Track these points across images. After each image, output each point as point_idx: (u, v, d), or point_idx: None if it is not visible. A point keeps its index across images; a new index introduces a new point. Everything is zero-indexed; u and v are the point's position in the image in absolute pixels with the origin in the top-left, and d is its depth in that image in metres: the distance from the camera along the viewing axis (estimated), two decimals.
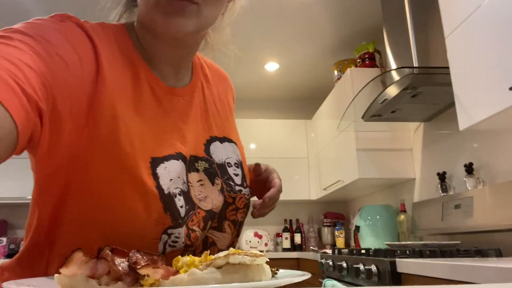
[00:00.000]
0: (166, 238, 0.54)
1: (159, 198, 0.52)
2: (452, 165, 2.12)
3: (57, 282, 0.41)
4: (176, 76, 0.63)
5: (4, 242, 3.24)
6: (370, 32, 2.88)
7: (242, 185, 0.65)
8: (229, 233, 0.63)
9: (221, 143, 0.65)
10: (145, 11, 0.55)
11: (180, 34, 0.55)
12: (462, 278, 1.06)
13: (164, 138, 0.57)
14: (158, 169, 0.54)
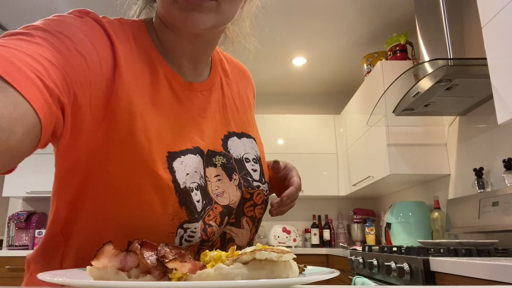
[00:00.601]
0: (182, 233, 0.54)
1: (175, 193, 0.53)
2: (490, 160, 2.03)
3: (88, 273, 0.42)
4: (195, 71, 0.62)
5: (43, 234, 3.40)
6: (401, 23, 2.79)
7: (261, 181, 0.64)
8: (247, 229, 0.62)
9: (239, 139, 0.64)
10: (163, 7, 0.55)
11: (198, 30, 0.54)
12: (500, 279, 1.02)
13: (182, 133, 0.57)
14: (174, 163, 0.54)
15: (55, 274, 0.42)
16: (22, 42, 0.42)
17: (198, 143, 0.58)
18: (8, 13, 2.65)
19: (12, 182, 3.47)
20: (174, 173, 0.53)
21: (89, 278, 0.42)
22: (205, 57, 0.63)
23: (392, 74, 2.47)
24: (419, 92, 1.98)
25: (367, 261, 1.95)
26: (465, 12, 1.87)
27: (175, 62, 0.60)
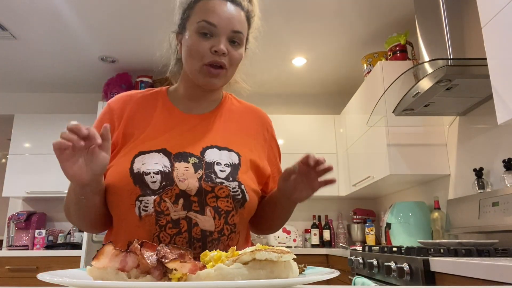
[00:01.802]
0: (139, 204, 0.76)
1: (129, 175, 0.77)
2: (490, 160, 2.03)
3: (88, 274, 0.42)
4: (199, 107, 0.92)
5: (43, 234, 3.40)
6: (401, 23, 2.79)
7: (227, 179, 0.81)
8: (210, 217, 0.77)
9: (219, 150, 0.85)
10: (192, 73, 0.86)
11: (212, 88, 0.88)
12: (499, 279, 1.02)
13: (158, 141, 0.83)
14: (136, 158, 0.80)
15: (55, 274, 0.42)
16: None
17: (167, 147, 0.82)
18: (8, 14, 2.65)
19: (12, 182, 3.47)
20: (133, 164, 0.79)
21: (89, 278, 0.42)
22: (211, 98, 0.93)
23: (392, 74, 2.47)
24: (419, 92, 1.98)
25: (367, 261, 1.95)
26: (465, 12, 1.87)
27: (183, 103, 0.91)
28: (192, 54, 0.84)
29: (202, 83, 0.85)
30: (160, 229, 0.75)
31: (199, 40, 0.82)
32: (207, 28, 0.82)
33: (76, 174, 0.66)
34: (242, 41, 0.86)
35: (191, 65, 0.85)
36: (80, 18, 2.72)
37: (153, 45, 3.11)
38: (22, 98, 4.01)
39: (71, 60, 3.35)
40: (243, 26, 0.86)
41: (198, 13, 0.84)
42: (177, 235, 0.75)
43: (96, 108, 3.63)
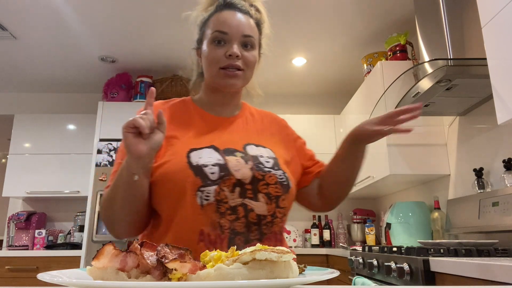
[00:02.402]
0: (200, 194, 0.81)
1: (189, 168, 0.82)
2: (490, 160, 2.03)
3: (88, 274, 0.42)
4: (225, 111, 1.00)
5: (43, 234, 3.40)
6: (401, 23, 2.79)
7: (273, 168, 0.88)
8: (263, 202, 0.84)
9: (256, 147, 0.93)
10: (211, 76, 0.93)
11: (232, 89, 0.94)
12: (499, 279, 1.02)
13: (203, 139, 0.91)
14: (191, 153, 0.86)
15: (55, 274, 0.42)
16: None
17: (215, 143, 0.89)
18: (8, 14, 2.65)
19: (12, 182, 3.47)
20: (190, 157, 0.85)
21: (89, 278, 0.42)
22: (232, 103, 1.01)
23: (392, 74, 2.47)
24: (419, 92, 1.98)
25: (367, 261, 1.95)
26: (465, 12, 1.87)
27: (211, 108, 0.99)
28: (209, 62, 0.92)
29: (222, 86, 0.93)
30: (221, 216, 0.81)
31: (214, 48, 0.91)
32: (220, 37, 0.91)
33: (136, 143, 0.72)
34: (254, 44, 0.94)
35: (210, 72, 0.93)
36: (80, 18, 2.72)
37: (153, 45, 3.11)
38: (22, 98, 4.01)
39: (71, 60, 3.35)
40: (253, 31, 0.95)
41: (212, 26, 0.93)
42: (235, 221, 0.81)
43: (96, 108, 3.63)
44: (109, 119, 3.30)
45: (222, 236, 0.80)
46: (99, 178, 3.13)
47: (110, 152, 3.20)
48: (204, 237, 0.80)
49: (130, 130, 0.72)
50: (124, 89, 3.47)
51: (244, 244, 0.81)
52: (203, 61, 0.96)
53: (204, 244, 0.80)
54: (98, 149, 3.20)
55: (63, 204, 3.78)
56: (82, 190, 3.42)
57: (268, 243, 0.84)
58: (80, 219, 3.47)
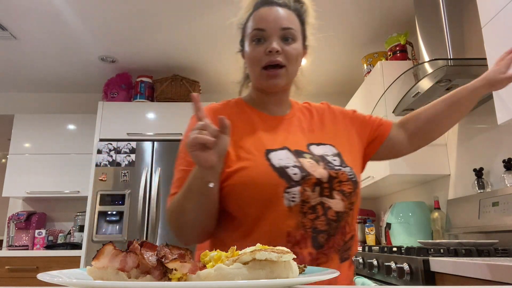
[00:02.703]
0: (287, 196, 0.81)
1: (273, 170, 0.82)
2: (490, 160, 2.03)
3: (88, 274, 0.42)
4: (278, 109, 0.98)
5: (43, 234, 3.40)
6: (401, 23, 2.79)
7: (342, 165, 0.88)
8: (339, 199, 0.84)
9: (317, 146, 0.92)
10: (255, 79, 0.94)
11: (277, 89, 0.93)
12: (499, 279, 1.02)
13: (273, 140, 0.90)
14: (269, 155, 0.85)
15: (55, 274, 0.42)
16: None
17: (285, 144, 0.89)
18: (8, 14, 2.65)
19: (12, 182, 3.47)
20: (270, 160, 0.84)
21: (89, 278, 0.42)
22: (283, 101, 0.99)
23: (392, 74, 2.47)
24: (419, 92, 1.98)
25: (367, 261, 1.95)
26: (465, 12, 1.87)
27: (264, 107, 0.98)
28: (251, 62, 0.92)
29: (266, 87, 0.92)
30: (304, 216, 0.81)
31: (254, 47, 0.90)
32: (258, 35, 0.90)
33: (206, 157, 0.71)
34: (294, 36, 0.91)
35: (253, 73, 0.93)
36: (80, 18, 2.72)
37: (153, 45, 3.11)
38: (22, 98, 4.01)
39: (71, 60, 3.35)
40: (293, 23, 0.91)
41: (250, 25, 0.93)
42: (315, 220, 0.81)
43: (96, 108, 3.63)
44: (109, 119, 3.30)
45: (306, 236, 0.81)
46: (99, 178, 3.13)
47: (110, 152, 3.20)
48: (290, 238, 0.80)
49: (195, 148, 0.70)
50: (124, 89, 3.47)
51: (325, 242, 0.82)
52: (246, 63, 0.96)
53: (290, 246, 0.80)
54: (98, 149, 3.20)
55: (63, 204, 3.78)
56: (82, 190, 3.42)
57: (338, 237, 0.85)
58: (80, 219, 3.47)
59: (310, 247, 0.81)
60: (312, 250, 0.81)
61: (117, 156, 3.18)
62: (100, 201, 3.07)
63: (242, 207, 0.84)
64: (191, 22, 2.78)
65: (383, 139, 1.02)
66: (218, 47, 3.14)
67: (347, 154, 0.94)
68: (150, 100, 3.46)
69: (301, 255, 0.80)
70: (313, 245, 0.81)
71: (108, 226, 3.05)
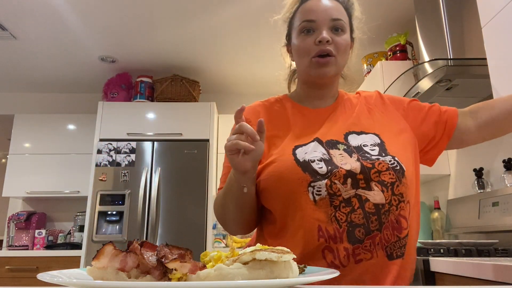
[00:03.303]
0: (312, 190, 0.80)
1: (296, 165, 0.82)
2: (490, 160, 2.03)
3: (88, 274, 0.42)
4: (323, 103, 0.98)
5: (43, 234, 3.40)
6: (401, 23, 2.79)
7: (380, 155, 0.85)
8: (377, 190, 0.81)
9: (358, 135, 0.90)
10: (303, 69, 0.93)
11: (326, 79, 0.92)
12: (500, 279, 1.02)
13: (306, 134, 0.90)
14: (296, 150, 0.86)
15: (55, 274, 0.42)
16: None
17: (317, 135, 0.88)
18: (8, 14, 2.65)
19: (12, 182, 3.47)
20: (296, 155, 0.84)
21: (89, 278, 0.42)
22: (330, 94, 0.98)
23: (392, 74, 2.47)
24: (419, 92, 1.98)
25: None
26: (465, 12, 1.87)
27: (308, 102, 0.98)
28: (300, 53, 0.92)
29: (315, 76, 0.91)
30: (335, 210, 0.79)
31: (303, 38, 0.91)
32: (308, 26, 0.91)
33: (241, 162, 0.74)
34: (344, 27, 0.92)
35: (302, 64, 0.92)
36: (80, 18, 2.72)
37: (153, 45, 3.11)
38: (22, 98, 4.01)
39: (71, 60, 3.35)
40: (342, 14, 0.93)
41: (298, 17, 0.94)
42: (351, 213, 0.79)
43: (96, 108, 3.63)
44: (109, 119, 3.30)
45: (341, 230, 0.79)
46: (99, 178, 3.13)
47: (110, 152, 3.20)
48: (323, 233, 0.79)
49: (233, 152, 0.73)
50: (124, 89, 3.47)
51: (364, 236, 0.79)
52: (294, 55, 0.96)
53: (324, 240, 0.78)
54: (98, 149, 3.20)
55: (63, 204, 3.78)
56: (82, 190, 3.42)
57: (386, 233, 0.80)
58: (80, 219, 3.47)
59: (345, 242, 0.78)
60: (348, 245, 0.78)
61: (117, 156, 3.18)
62: (100, 201, 3.07)
63: (271, 202, 0.86)
64: (191, 22, 2.78)
65: (451, 135, 0.96)
66: (218, 47, 3.14)
67: (392, 143, 0.89)
68: (150, 100, 3.46)
69: (336, 250, 0.78)
70: (349, 240, 0.78)
71: (108, 226, 3.05)
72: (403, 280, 0.83)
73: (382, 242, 0.80)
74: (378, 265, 0.79)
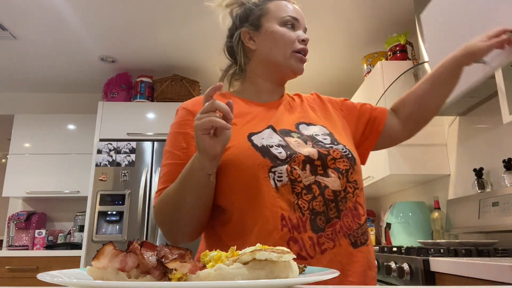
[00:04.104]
0: (273, 176, 0.78)
1: (255, 150, 0.79)
2: (490, 160, 2.03)
3: (88, 274, 0.42)
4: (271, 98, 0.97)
5: (43, 234, 3.40)
6: (401, 23, 2.79)
7: (333, 143, 0.86)
8: (335, 177, 0.81)
9: (307, 126, 0.91)
10: (280, 60, 0.92)
11: (298, 75, 0.95)
12: (500, 279, 1.02)
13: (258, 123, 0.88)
14: (252, 137, 0.83)
15: (55, 274, 0.42)
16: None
17: (271, 124, 0.87)
18: (8, 14, 2.65)
19: (12, 182, 3.47)
20: (252, 141, 0.82)
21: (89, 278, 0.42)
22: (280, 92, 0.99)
23: (392, 74, 2.47)
24: None
25: None
26: None
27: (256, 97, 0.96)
28: (283, 43, 0.91)
29: (295, 69, 0.93)
30: (298, 197, 0.77)
31: (287, 31, 0.92)
32: (292, 22, 0.93)
33: (210, 146, 0.69)
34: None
35: (281, 53, 0.92)
36: (80, 18, 2.72)
37: (153, 45, 3.11)
38: (22, 98, 4.01)
39: (71, 60, 3.35)
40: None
41: (277, 10, 0.94)
42: (313, 200, 0.77)
43: (96, 108, 3.63)
44: (109, 119, 3.31)
45: (304, 219, 0.76)
46: (99, 178, 3.13)
47: (110, 152, 3.20)
48: (286, 222, 0.76)
49: (206, 132, 0.68)
50: (124, 89, 3.47)
51: (325, 224, 0.77)
52: (268, 42, 0.93)
53: (288, 230, 0.75)
54: (98, 149, 3.20)
55: (63, 204, 3.78)
56: (82, 190, 3.43)
57: (346, 220, 0.80)
58: (80, 219, 3.47)
59: (309, 231, 0.76)
60: (312, 234, 0.76)
61: (117, 156, 3.19)
62: (100, 201, 3.07)
63: (229, 194, 0.80)
64: (191, 22, 2.78)
65: (380, 130, 1.00)
66: (218, 47, 3.13)
67: (339, 134, 0.92)
68: (150, 100, 3.47)
69: (301, 240, 0.75)
70: (312, 229, 0.76)
71: (108, 226, 3.05)
72: (371, 268, 0.82)
73: (344, 229, 0.79)
74: (344, 254, 0.78)
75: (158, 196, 0.83)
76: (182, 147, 0.86)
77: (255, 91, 0.97)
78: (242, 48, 0.97)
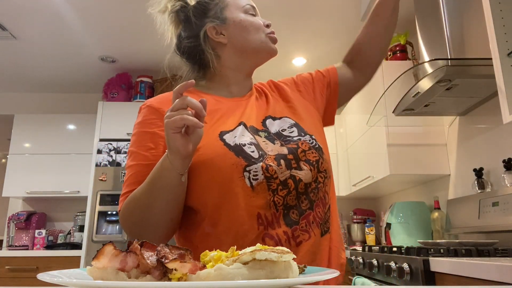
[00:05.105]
0: (248, 175, 0.76)
1: (228, 150, 0.77)
2: (490, 160, 2.03)
3: (88, 274, 0.42)
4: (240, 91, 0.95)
5: (43, 234, 3.40)
6: (401, 23, 2.79)
7: (300, 135, 0.86)
8: (307, 170, 0.81)
9: (273, 120, 0.90)
10: (258, 45, 0.91)
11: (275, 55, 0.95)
12: (500, 279, 1.02)
13: (229, 120, 0.85)
14: (224, 136, 0.80)
15: (55, 274, 0.42)
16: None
17: (242, 120, 0.85)
18: (8, 14, 2.65)
19: (12, 182, 3.47)
20: (225, 140, 0.79)
21: (89, 278, 0.42)
22: (249, 84, 0.98)
23: (392, 74, 2.47)
24: (419, 92, 1.98)
25: (367, 261, 1.95)
26: (465, 12, 1.87)
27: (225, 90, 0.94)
28: (252, 30, 0.91)
29: (272, 50, 0.94)
30: (273, 194, 0.76)
31: (253, 18, 0.93)
32: (252, 10, 0.95)
33: (182, 145, 0.66)
34: None
35: (256, 39, 0.91)
36: (80, 18, 2.72)
37: (153, 45, 3.11)
38: (22, 98, 4.01)
39: (71, 60, 3.35)
40: None
41: (236, 0, 0.94)
42: (287, 195, 0.77)
43: (96, 108, 3.63)
44: (109, 119, 3.30)
45: (277, 214, 0.75)
46: (99, 178, 3.13)
47: (110, 152, 3.20)
48: (262, 220, 0.74)
49: (178, 130, 0.65)
50: (124, 89, 3.47)
51: (299, 218, 0.77)
52: (240, 31, 0.91)
53: (263, 228, 0.74)
54: (98, 149, 3.20)
55: (63, 204, 3.78)
56: (82, 190, 3.43)
57: (318, 210, 0.80)
58: (80, 219, 3.47)
59: (283, 226, 0.75)
60: (286, 228, 0.75)
61: (117, 156, 3.18)
62: (100, 201, 3.07)
63: (201, 196, 0.77)
64: None
65: (337, 90, 1.05)
66: None
67: (304, 122, 0.92)
68: None
69: (276, 235, 0.75)
70: (286, 223, 0.76)
71: (108, 226, 3.05)
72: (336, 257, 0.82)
73: (316, 220, 0.80)
74: (315, 244, 0.78)
75: (123, 200, 0.79)
76: (149, 148, 0.82)
77: (226, 85, 0.94)
78: (210, 44, 0.93)
